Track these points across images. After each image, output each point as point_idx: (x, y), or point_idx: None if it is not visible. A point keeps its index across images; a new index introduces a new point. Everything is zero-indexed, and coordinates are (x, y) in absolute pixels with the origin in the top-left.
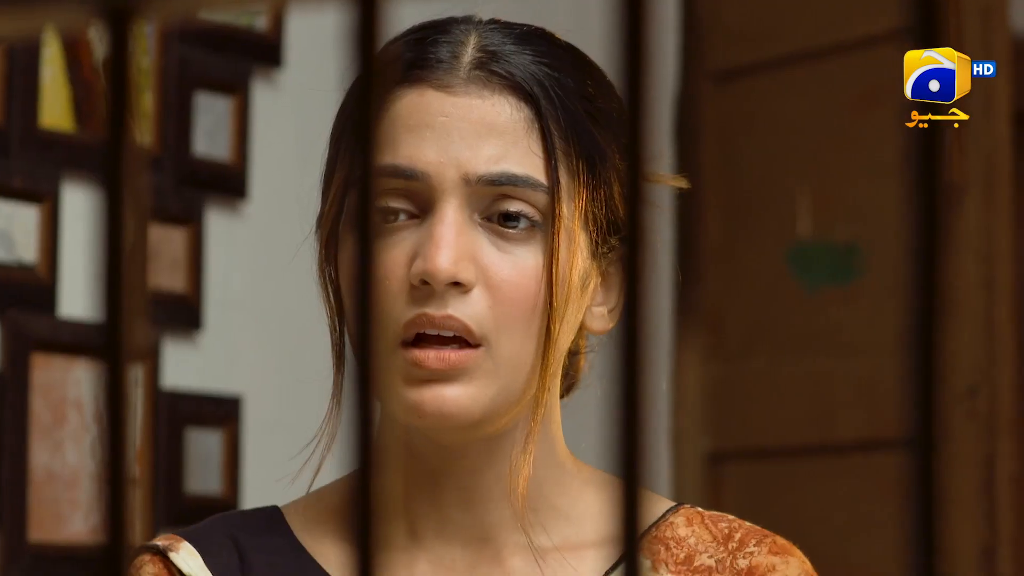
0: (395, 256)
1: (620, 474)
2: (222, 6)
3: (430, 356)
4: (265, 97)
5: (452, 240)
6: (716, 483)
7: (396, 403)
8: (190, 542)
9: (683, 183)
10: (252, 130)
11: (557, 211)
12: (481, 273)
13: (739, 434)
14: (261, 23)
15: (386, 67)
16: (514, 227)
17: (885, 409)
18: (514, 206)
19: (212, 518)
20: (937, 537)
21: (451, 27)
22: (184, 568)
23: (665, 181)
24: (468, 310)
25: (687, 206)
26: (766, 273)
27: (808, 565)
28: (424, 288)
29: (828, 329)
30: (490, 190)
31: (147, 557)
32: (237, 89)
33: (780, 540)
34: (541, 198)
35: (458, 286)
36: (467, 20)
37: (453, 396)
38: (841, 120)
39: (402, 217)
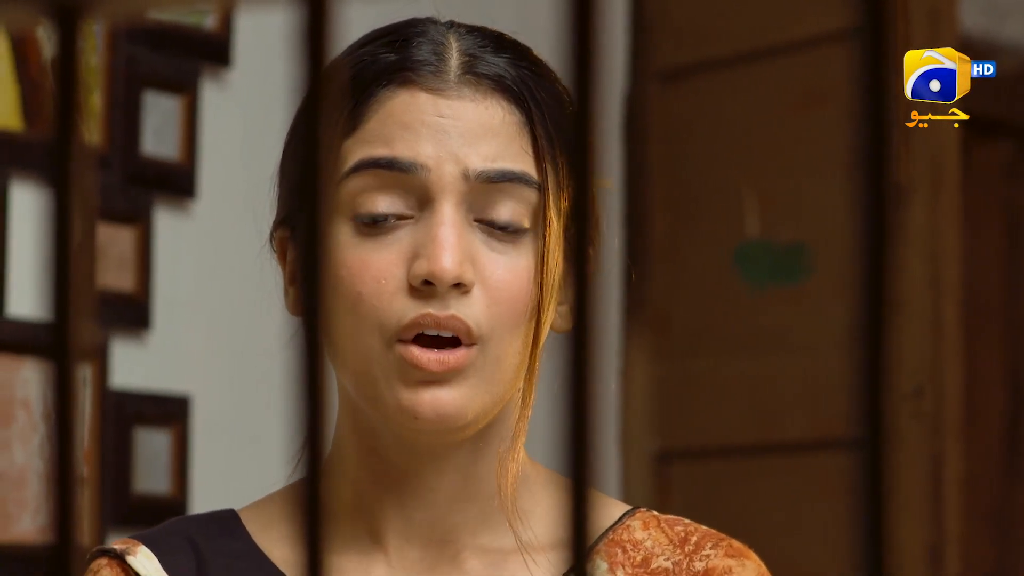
0: (391, 256)
1: (570, 476)
2: (170, 5)
3: (430, 359)
4: (214, 96)
5: (455, 241)
6: (663, 482)
7: (389, 403)
8: (147, 545)
9: (607, 184)
10: (200, 129)
11: (549, 212)
12: (478, 274)
13: (686, 434)
14: (210, 22)
15: (334, 71)
16: (504, 230)
17: (831, 409)
18: (505, 212)
19: (168, 521)
20: (884, 537)
21: (424, 27)
22: (142, 571)
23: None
24: (468, 310)
25: (634, 205)
26: (712, 272)
27: (764, 568)
28: (426, 289)
29: (774, 329)
30: (487, 188)
31: (104, 561)
32: (185, 88)
33: (736, 543)
34: (534, 197)
35: (459, 287)
36: (434, 21)
37: (450, 398)
38: (787, 119)
39: (392, 219)
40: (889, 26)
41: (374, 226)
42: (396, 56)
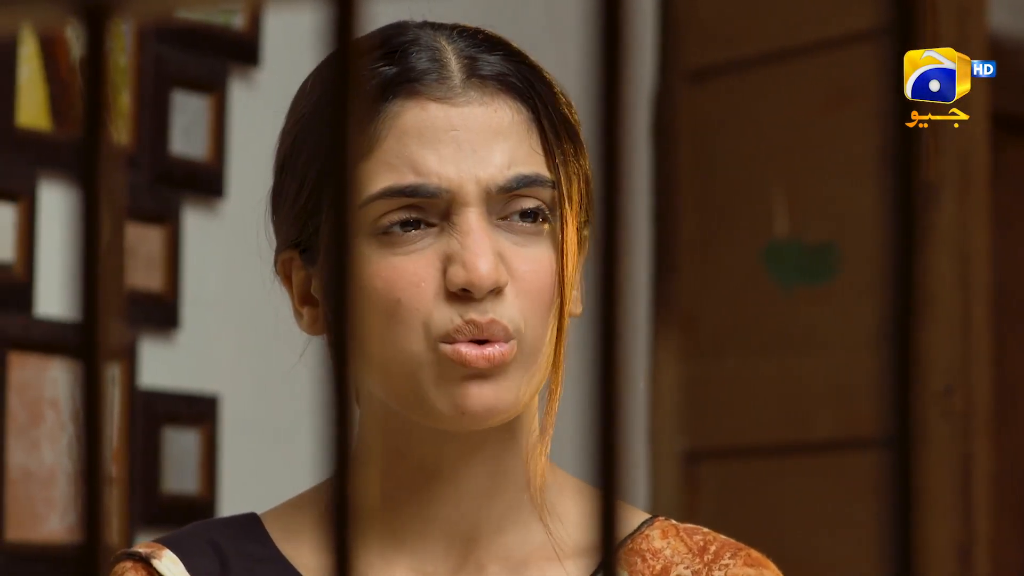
0: (422, 261)
1: (597, 482)
2: (199, 5)
3: (477, 355)
4: (242, 96)
5: (487, 247)
6: (692, 482)
7: (435, 402)
8: (171, 549)
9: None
10: (229, 129)
11: (564, 206)
12: (508, 270)
13: (714, 433)
14: (238, 22)
15: (361, 73)
16: (531, 222)
17: (860, 408)
18: (530, 203)
19: (192, 525)
20: (913, 537)
21: (413, 33)
22: (167, 575)
23: None
24: (504, 310)
25: (663, 205)
26: (741, 272)
27: None
28: (463, 295)
29: (803, 328)
30: (505, 196)
31: (129, 564)
32: (214, 88)
33: (754, 553)
34: (548, 193)
35: (495, 290)
36: (418, 25)
37: (495, 393)
38: (817, 119)
39: (421, 226)
40: (918, 25)
41: (399, 237)
42: (396, 68)
